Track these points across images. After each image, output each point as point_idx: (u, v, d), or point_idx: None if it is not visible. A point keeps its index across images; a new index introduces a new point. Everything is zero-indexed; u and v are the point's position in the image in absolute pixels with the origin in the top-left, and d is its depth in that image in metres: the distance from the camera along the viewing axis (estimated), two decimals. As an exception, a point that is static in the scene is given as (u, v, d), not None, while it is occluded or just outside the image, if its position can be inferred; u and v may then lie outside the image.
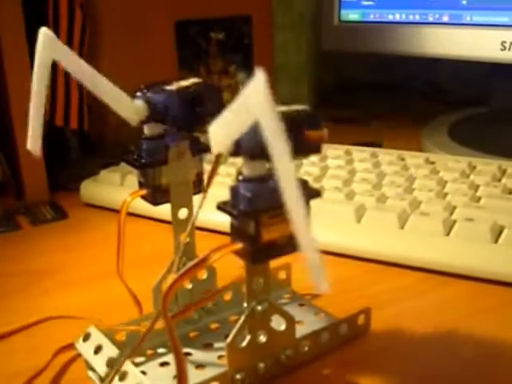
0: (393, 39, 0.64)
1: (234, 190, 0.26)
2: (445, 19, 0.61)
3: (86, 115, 0.59)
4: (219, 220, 0.34)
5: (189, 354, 0.32)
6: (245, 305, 0.28)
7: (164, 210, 0.33)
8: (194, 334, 0.34)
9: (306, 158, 0.26)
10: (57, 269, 0.43)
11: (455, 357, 0.32)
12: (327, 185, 0.48)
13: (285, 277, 0.37)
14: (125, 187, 0.53)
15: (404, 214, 0.43)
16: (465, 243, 0.39)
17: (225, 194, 0.26)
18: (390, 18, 0.65)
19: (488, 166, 0.51)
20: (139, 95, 0.30)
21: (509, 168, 0.50)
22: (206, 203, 0.26)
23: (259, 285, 0.28)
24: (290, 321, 0.30)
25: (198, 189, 0.33)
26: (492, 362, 0.31)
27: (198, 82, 0.30)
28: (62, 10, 0.56)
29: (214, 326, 0.34)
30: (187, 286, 0.34)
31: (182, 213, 0.33)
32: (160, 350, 0.32)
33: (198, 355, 0.32)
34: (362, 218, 0.44)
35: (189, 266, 0.25)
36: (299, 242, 0.21)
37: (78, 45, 0.58)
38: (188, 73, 0.68)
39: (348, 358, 0.32)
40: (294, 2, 0.80)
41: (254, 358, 0.29)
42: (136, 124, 0.30)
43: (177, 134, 0.31)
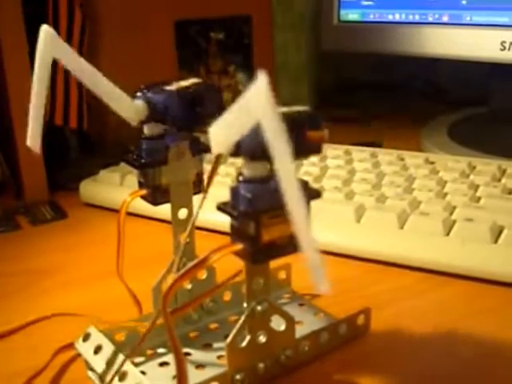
0: (392, 39, 0.64)
1: (234, 191, 0.26)
2: (445, 19, 0.61)
3: (85, 115, 0.59)
4: (219, 220, 0.34)
5: (188, 354, 0.32)
6: (245, 305, 0.28)
7: (164, 210, 0.33)
8: (194, 334, 0.34)
9: (307, 158, 0.26)
10: (56, 269, 0.43)
11: (454, 357, 0.32)
12: (327, 185, 0.48)
13: (285, 277, 0.37)
14: (124, 187, 0.53)
15: (404, 214, 0.43)
16: (465, 243, 0.39)
17: (225, 194, 0.26)
18: (390, 18, 0.65)
19: (488, 166, 0.51)
20: (139, 95, 0.30)
21: (508, 168, 0.50)
22: (206, 203, 0.27)
23: (259, 285, 0.28)
24: (290, 321, 0.30)
25: (198, 189, 0.33)
26: (491, 362, 0.31)
27: (198, 82, 0.30)
28: (62, 10, 0.56)
29: (214, 326, 0.34)
30: (187, 286, 0.34)
31: (182, 213, 0.33)
32: (160, 350, 0.32)
33: (198, 355, 0.32)
34: (361, 218, 0.44)
35: (189, 267, 0.25)
36: (300, 242, 0.21)
37: (78, 45, 0.58)
38: (188, 73, 0.68)
39: (348, 358, 0.32)
40: (294, 2, 0.80)
41: (254, 358, 0.29)
42: (136, 124, 0.30)
43: (177, 134, 0.31)
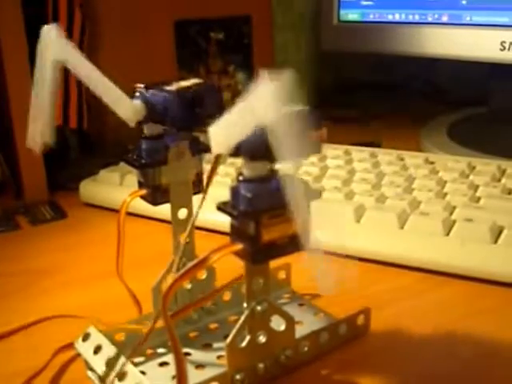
0: (392, 39, 0.64)
1: (234, 191, 0.26)
2: (444, 19, 0.61)
3: (85, 114, 0.59)
4: (219, 220, 0.34)
5: (188, 354, 0.32)
6: (244, 305, 0.28)
7: (164, 210, 0.33)
8: (194, 334, 0.34)
9: (307, 158, 0.26)
10: (56, 269, 0.43)
11: (454, 357, 0.32)
12: (327, 185, 0.48)
13: (284, 277, 0.37)
14: (124, 187, 0.53)
15: (403, 214, 0.43)
16: (464, 243, 0.39)
17: (225, 194, 0.26)
18: (390, 18, 0.65)
19: (487, 166, 0.51)
20: (137, 95, 0.30)
21: (508, 168, 0.50)
22: (206, 203, 0.27)
23: (259, 285, 0.28)
24: (290, 321, 0.30)
25: (198, 189, 0.33)
26: (491, 362, 0.31)
27: (198, 82, 0.30)
28: (62, 10, 0.56)
29: (214, 326, 0.34)
30: (187, 286, 0.34)
31: (182, 213, 0.33)
32: (159, 350, 0.32)
33: (198, 355, 0.32)
34: (361, 218, 0.44)
35: (189, 267, 0.25)
36: (302, 242, 0.21)
37: (78, 45, 0.58)
38: (187, 73, 0.68)
39: (347, 358, 0.32)
40: (294, 2, 0.80)
41: (254, 358, 0.29)
42: (133, 125, 0.30)
43: (177, 134, 0.31)
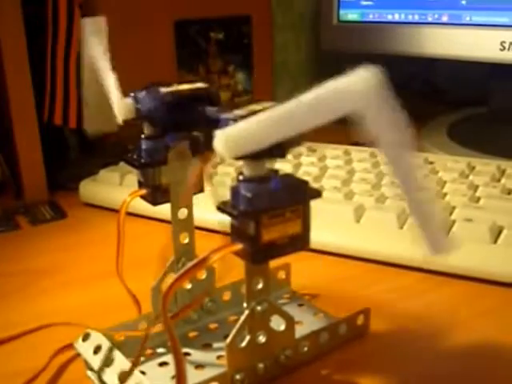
0: (392, 39, 0.64)
1: (235, 191, 0.26)
2: (444, 19, 0.61)
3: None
4: (219, 220, 0.34)
5: (188, 354, 0.32)
6: (244, 305, 0.28)
7: (164, 210, 0.33)
8: (194, 334, 0.34)
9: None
10: (56, 269, 0.43)
11: (454, 357, 0.32)
12: (326, 185, 0.48)
13: (284, 277, 0.37)
14: (124, 187, 0.53)
15: (403, 214, 0.43)
16: (464, 243, 0.39)
17: (225, 194, 0.26)
18: (389, 18, 0.65)
19: (487, 166, 0.51)
20: (131, 94, 0.30)
21: (508, 168, 0.50)
22: (206, 203, 0.26)
23: (259, 285, 0.28)
24: (290, 321, 0.30)
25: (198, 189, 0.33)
26: (491, 363, 0.31)
27: (198, 87, 0.30)
28: (62, 10, 0.56)
29: (214, 326, 0.34)
30: (187, 286, 0.34)
31: (182, 213, 0.33)
32: (159, 350, 0.32)
33: (198, 355, 0.32)
34: (361, 218, 0.44)
35: (188, 267, 0.25)
36: (417, 210, 0.20)
37: (78, 45, 0.58)
38: (187, 72, 0.68)
39: (347, 358, 0.32)
40: (294, 2, 0.80)
41: (254, 358, 0.29)
42: (121, 122, 0.30)
43: (177, 134, 0.31)
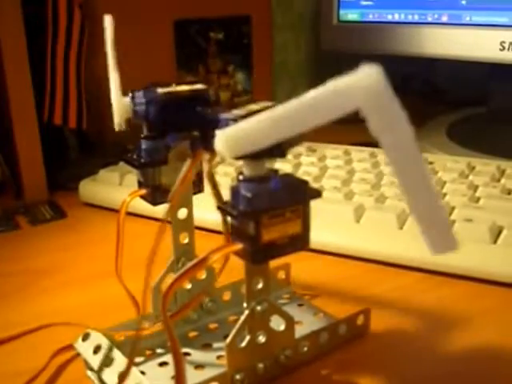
0: (392, 39, 0.64)
1: (234, 191, 0.26)
2: (444, 19, 0.61)
3: (84, 114, 0.59)
4: (219, 220, 0.34)
5: (188, 354, 0.32)
6: (244, 305, 0.28)
7: (164, 210, 0.32)
8: (193, 334, 0.34)
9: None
10: (55, 268, 0.43)
11: (454, 357, 0.32)
12: (326, 185, 0.48)
13: (284, 277, 0.37)
14: (124, 187, 0.53)
15: (403, 214, 0.43)
16: (464, 244, 0.39)
17: (224, 194, 0.26)
18: (389, 18, 0.65)
19: (487, 166, 0.51)
20: (130, 94, 0.30)
21: (508, 168, 0.50)
22: (206, 203, 0.27)
23: (259, 285, 0.28)
24: (290, 321, 0.30)
25: (198, 189, 0.33)
26: (491, 362, 0.31)
27: (197, 88, 0.30)
28: (61, 10, 0.56)
29: (213, 326, 0.34)
30: (186, 286, 0.34)
31: (182, 213, 0.33)
32: (159, 350, 0.32)
33: (197, 355, 0.32)
34: (361, 218, 0.44)
35: (188, 266, 0.25)
36: (421, 208, 0.20)
37: (77, 45, 0.58)
38: (187, 72, 0.68)
39: (347, 358, 0.32)
40: (294, 2, 0.80)
41: (254, 358, 0.29)
42: (117, 122, 0.30)
43: (177, 134, 0.31)
